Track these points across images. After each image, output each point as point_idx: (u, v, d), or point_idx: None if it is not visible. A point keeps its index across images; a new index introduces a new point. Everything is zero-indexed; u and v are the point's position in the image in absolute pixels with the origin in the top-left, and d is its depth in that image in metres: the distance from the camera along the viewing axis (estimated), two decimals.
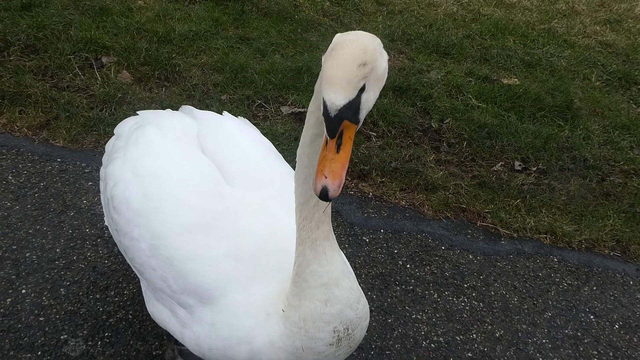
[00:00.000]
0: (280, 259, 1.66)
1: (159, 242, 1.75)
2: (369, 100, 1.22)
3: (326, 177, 1.20)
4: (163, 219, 1.77)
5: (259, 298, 1.62)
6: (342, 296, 1.52)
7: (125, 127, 2.24)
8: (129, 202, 1.84)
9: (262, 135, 2.28)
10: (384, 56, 1.25)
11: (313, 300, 1.50)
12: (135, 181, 1.87)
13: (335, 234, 1.50)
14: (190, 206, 1.77)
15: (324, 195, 1.20)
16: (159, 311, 1.85)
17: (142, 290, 1.95)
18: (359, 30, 1.28)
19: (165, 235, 1.74)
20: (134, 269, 1.94)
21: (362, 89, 1.18)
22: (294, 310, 1.52)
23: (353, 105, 1.18)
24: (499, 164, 3.68)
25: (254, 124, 3.66)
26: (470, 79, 4.46)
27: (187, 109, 2.34)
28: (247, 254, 1.70)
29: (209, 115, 2.25)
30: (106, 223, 2.13)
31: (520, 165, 3.69)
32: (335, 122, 1.18)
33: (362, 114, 1.22)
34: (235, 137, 2.10)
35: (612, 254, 3.19)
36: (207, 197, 1.80)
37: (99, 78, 3.87)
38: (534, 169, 3.67)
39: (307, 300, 1.50)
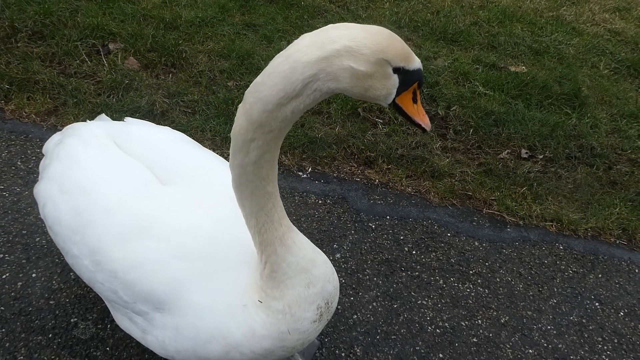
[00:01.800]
0: (238, 249, 1.62)
1: (99, 257, 1.67)
2: None
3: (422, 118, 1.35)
4: (98, 232, 1.68)
5: (227, 293, 1.56)
6: (321, 273, 1.56)
7: (50, 144, 2.14)
8: (61, 221, 1.76)
9: (173, 130, 2.19)
10: None
11: (295, 287, 1.52)
12: (63, 198, 1.79)
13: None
14: (123, 213, 1.68)
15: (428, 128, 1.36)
16: (119, 320, 1.81)
17: None
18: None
19: (103, 249, 1.66)
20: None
21: None
22: (276, 301, 1.52)
23: None
24: (506, 151, 3.67)
25: None
26: (478, 66, 4.44)
27: (103, 117, 2.27)
28: (197, 252, 1.62)
29: (118, 123, 2.15)
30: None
31: (526, 153, 3.68)
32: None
33: None
34: (152, 137, 2.01)
35: (618, 242, 3.19)
36: (140, 201, 1.72)
37: (106, 64, 3.88)
38: (541, 157, 3.67)
39: (289, 289, 1.52)
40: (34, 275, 2.51)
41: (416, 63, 1.27)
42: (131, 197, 1.73)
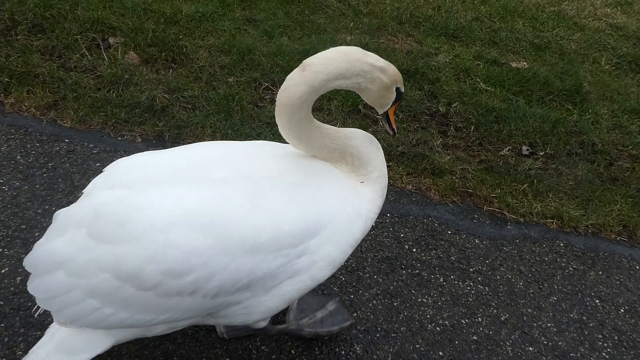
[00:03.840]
0: (320, 175, 1.88)
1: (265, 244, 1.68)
2: None
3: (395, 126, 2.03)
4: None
5: (345, 195, 1.87)
6: (367, 134, 2.01)
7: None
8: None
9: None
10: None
11: (374, 155, 1.96)
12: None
13: None
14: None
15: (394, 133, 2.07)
16: (266, 303, 1.78)
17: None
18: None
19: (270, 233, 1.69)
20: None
21: None
22: (371, 173, 1.94)
23: None
24: (507, 148, 3.66)
25: (261, 107, 3.69)
26: (479, 62, 4.42)
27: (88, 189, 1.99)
28: (309, 190, 1.81)
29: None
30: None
31: (527, 149, 3.67)
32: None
33: None
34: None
35: (618, 238, 3.19)
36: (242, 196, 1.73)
37: (106, 59, 3.87)
38: (542, 153, 3.66)
39: (374, 159, 1.95)
40: None
41: (403, 88, 1.90)
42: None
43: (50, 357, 1.80)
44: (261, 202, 1.66)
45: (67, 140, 3.27)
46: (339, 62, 1.67)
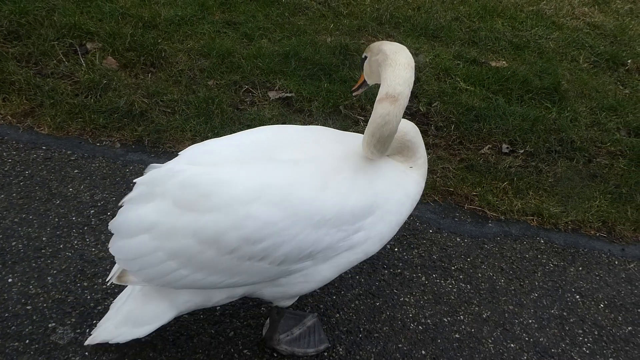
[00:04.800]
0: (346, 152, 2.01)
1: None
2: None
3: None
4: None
5: (398, 178, 2.06)
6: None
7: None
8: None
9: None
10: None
11: (420, 148, 2.16)
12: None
13: None
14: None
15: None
16: (324, 272, 1.98)
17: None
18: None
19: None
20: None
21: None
22: (419, 160, 2.15)
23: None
24: (487, 146, 3.69)
25: (241, 110, 3.67)
26: (459, 62, 4.45)
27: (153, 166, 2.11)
28: (367, 176, 1.98)
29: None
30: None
31: (507, 147, 3.70)
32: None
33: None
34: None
35: (598, 234, 3.22)
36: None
37: (84, 64, 3.83)
38: (522, 151, 3.69)
39: (419, 151, 2.16)
40: (10, 280, 2.47)
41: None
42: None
43: (118, 329, 2.05)
44: (328, 183, 1.86)
45: (44, 148, 3.23)
46: (412, 76, 1.85)
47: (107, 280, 2.04)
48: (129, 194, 1.96)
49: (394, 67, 1.83)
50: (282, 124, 3.53)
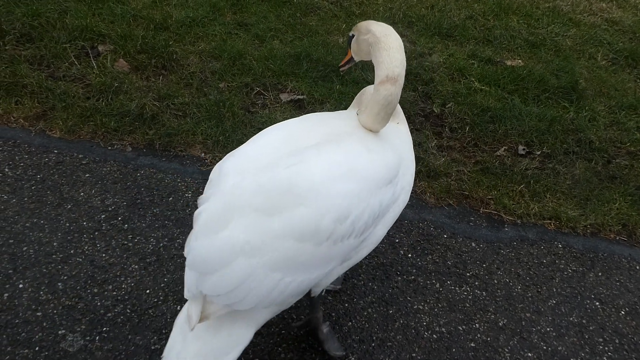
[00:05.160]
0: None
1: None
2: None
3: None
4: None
5: (397, 133, 2.20)
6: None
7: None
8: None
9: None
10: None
11: (400, 109, 2.35)
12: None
13: None
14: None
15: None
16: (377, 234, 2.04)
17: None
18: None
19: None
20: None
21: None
22: (399, 115, 2.33)
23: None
24: (503, 148, 3.61)
25: (253, 113, 3.64)
26: (473, 61, 4.37)
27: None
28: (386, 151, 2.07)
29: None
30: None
31: (524, 149, 3.62)
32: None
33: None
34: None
35: (618, 238, 3.13)
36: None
37: (96, 67, 3.82)
38: (538, 152, 3.61)
39: (400, 112, 2.35)
40: (20, 286, 2.46)
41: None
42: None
43: None
44: (371, 149, 1.95)
45: (56, 151, 3.22)
46: (404, 56, 2.00)
47: (191, 327, 1.78)
48: (194, 230, 1.83)
49: (389, 51, 1.95)
50: None
